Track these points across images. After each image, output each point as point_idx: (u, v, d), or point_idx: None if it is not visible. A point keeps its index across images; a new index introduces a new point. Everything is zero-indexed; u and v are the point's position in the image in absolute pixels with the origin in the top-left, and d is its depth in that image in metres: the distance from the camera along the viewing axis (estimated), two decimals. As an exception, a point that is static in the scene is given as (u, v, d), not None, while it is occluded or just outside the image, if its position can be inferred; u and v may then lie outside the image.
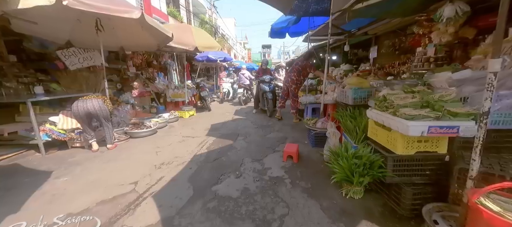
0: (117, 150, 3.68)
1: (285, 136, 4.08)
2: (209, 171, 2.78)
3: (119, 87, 6.57)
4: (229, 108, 7.63)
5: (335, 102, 3.61)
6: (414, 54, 5.82)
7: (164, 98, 6.83)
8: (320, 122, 3.36)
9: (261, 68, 6.53)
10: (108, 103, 3.78)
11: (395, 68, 5.98)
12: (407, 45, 5.85)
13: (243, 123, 5.30)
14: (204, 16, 16.17)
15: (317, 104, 4.56)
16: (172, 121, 5.61)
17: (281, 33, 5.97)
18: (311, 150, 3.32)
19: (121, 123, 4.73)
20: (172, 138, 4.22)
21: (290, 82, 5.26)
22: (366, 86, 3.01)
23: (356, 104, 2.99)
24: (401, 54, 6.26)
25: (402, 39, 5.99)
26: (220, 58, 9.94)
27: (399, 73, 5.63)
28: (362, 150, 2.01)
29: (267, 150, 3.43)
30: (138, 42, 5.06)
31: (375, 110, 2.08)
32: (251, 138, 4.09)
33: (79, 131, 3.69)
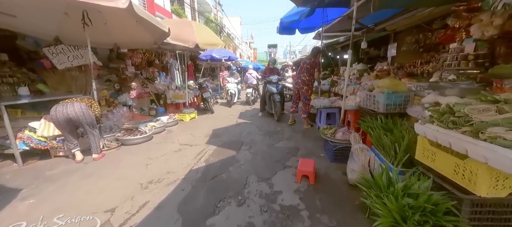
0: (104, 161, 3.17)
1: (297, 146, 3.47)
2: (205, 194, 2.22)
3: (117, 87, 6.12)
4: (234, 110, 7.07)
5: (358, 108, 2.98)
6: (439, 52, 5.13)
7: (164, 99, 6.33)
8: (341, 133, 2.74)
9: (268, 68, 5.93)
10: (96, 107, 3.28)
11: (417, 68, 5.29)
12: (434, 42, 5.13)
13: (248, 129, 4.72)
14: (209, 14, 15.67)
15: (332, 108, 3.94)
16: (171, 125, 5.10)
17: (290, 28, 5.35)
18: (329, 167, 2.70)
19: (114, 128, 4.24)
20: (167, 147, 3.69)
21: (301, 84, 4.65)
22: (403, 89, 2.38)
23: (389, 112, 2.37)
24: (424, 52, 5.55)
25: (427, 35, 5.26)
26: (225, 57, 9.39)
27: (423, 73, 4.94)
28: (416, 184, 1.39)
29: (276, 165, 2.84)
30: (133, 38, 4.56)
31: (433, 125, 1.47)
32: (257, 147, 3.51)
33: (62, 139, 3.20)
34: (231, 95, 7.91)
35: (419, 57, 5.47)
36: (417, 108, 2.11)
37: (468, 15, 3.60)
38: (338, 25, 5.50)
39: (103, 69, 6.33)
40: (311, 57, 4.61)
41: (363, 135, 2.56)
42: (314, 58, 4.56)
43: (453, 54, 3.97)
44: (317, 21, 5.13)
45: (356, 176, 2.15)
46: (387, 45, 8.07)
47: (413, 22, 5.03)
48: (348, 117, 3.34)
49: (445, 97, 1.89)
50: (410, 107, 2.18)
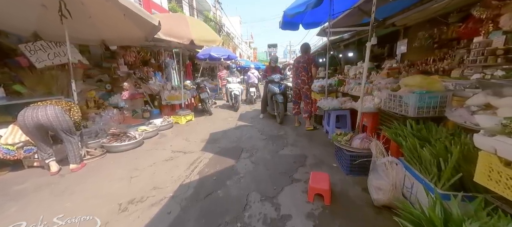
0: (83, 172, 2.73)
1: (304, 154, 3.02)
2: (196, 219, 1.77)
3: (109, 88, 5.68)
4: (233, 112, 6.61)
5: (377, 110, 2.54)
6: (453, 48, 4.67)
7: (159, 100, 5.88)
8: (358, 140, 2.29)
9: (270, 66, 5.48)
10: (76, 110, 2.83)
11: (430, 65, 4.86)
12: (450, 37, 4.68)
13: (249, 132, 4.28)
14: (208, 13, 15.22)
15: (342, 110, 3.49)
16: (165, 128, 4.65)
17: (294, 23, 4.89)
18: (345, 181, 2.26)
19: (100, 133, 3.79)
20: (158, 154, 3.24)
21: (301, 84, 4.37)
22: (438, 88, 1.93)
23: (421, 116, 1.92)
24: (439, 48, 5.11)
25: (442, 30, 4.81)
26: (224, 55, 8.95)
27: (437, 71, 4.49)
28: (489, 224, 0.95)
29: (281, 178, 2.39)
30: (122, 34, 4.10)
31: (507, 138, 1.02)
32: (259, 155, 3.06)
33: (30, 148, 2.75)
34: (234, 97, 6.77)
35: (432, 54, 5.03)
36: (460, 111, 1.66)
37: (498, 4, 3.15)
38: (344, 20, 5.05)
39: (95, 68, 5.90)
40: (304, 54, 4.39)
41: (385, 143, 2.12)
42: (307, 54, 4.39)
43: (478, 49, 3.53)
44: (322, 15, 4.69)
45: (383, 197, 1.71)
46: (393, 42, 7.63)
47: (426, 16, 4.57)
48: (363, 121, 2.89)
49: (502, 98, 1.45)
50: (450, 110, 1.74)
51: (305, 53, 4.46)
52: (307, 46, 4.57)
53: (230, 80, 7.04)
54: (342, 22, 5.09)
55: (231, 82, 7.01)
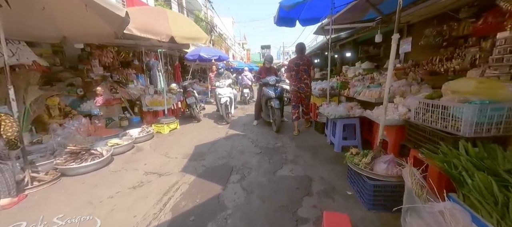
0: (19, 209, 2.01)
1: (308, 175, 2.41)
2: None
3: (81, 93, 4.92)
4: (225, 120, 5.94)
5: (405, 122, 1.96)
6: (460, 47, 4.21)
7: (140, 106, 5.16)
8: (384, 165, 1.70)
9: (264, 67, 4.86)
10: (8, 126, 2.11)
11: (436, 65, 4.38)
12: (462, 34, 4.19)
13: (241, 143, 3.64)
14: (198, 12, 14.47)
15: (351, 119, 2.91)
16: (143, 140, 3.94)
17: (290, 19, 4.31)
18: (369, 221, 1.66)
19: (58, 150, 3.05)
20: (126, 178, 2.55)
21: (305, 87, 4.04)
22: (504, 96, 1.36)
23: (479, 135, 1.35)
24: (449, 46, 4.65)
25: (452, 26, 4.32)
26: (215, 56, 8.28)
27: (447, 72, 4.00)
28: None
29: (282, 216, 1.76)
30: (87, 30, 3.39)
31: None
32: (253, 178, 2.42)
33: None
34: (225, 106, 5.19)
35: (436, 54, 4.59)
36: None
37: (533, -8, 2.66)
38: (345, 15, 4.50)
39: (70, 70, 5.14)
40: (301, 56, 4.10)
41: (415, 163, 1.53)
42: (304, 56, 4.16)
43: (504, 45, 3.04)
44: (321, 10, 4.15)
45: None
46: (388, 42, 7.18)
47: (434, 11, 4.08)
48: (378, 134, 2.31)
49: None
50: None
51: (302, 53, 4.15)
52: (302, 47, 4.26)
53: (219, 84, 5.54)
54: (342, 18, 4.54)
55: (221, 86, 5.48)
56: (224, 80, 5.53)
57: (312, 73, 4.23)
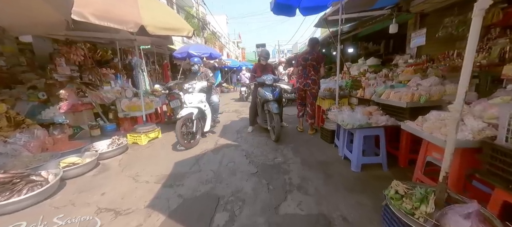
0: None
1: (324, 213, 1.69)
2: None
3: (43, 97, 4.11)
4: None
5: (483, 144, 1.26)
6: (486, 39, 3.63)
7: (115, 112, 4.37)
8: (464, 221, 1.01)
9: (259, 65, 4.12)
10: None
11: (455, 60, 3.81)
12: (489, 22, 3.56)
13: (232, 159, 2.91)
14: (190, 9, 13.60)
15: (373, 129, 2.21)
16: (113, 155, 3.17)
17: (289, 6, 3.59)
18: None
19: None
20: (69, 220, 1.80)
21: (312, 84, 3.55)
22: None
23: None
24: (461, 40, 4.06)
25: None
26: (205, 54, 7.52)
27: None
28: None
29: None
30: (30, 18, 2.59)
31: None
32: (246, 217, 1.71)
33: None
34: (181, 123, 3.33)
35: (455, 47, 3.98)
36: None
37: None
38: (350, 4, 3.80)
39: (36, 71, 4.34)
40: (312, 51, 3.68)
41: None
42: (315, 51, 3.72)
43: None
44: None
45: None
46: (389, 38, 6.54)
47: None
48: (431, 154, 1.62)
49: None
50: None
51: (313, 49, 3.67)
52: (315, 41, 3.83)
53: (188, 88, 3.60)
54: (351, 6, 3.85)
55: (190, 90, 3.57)
56: (201, 82, 3.78)
57: (322, 71, 3.67)
